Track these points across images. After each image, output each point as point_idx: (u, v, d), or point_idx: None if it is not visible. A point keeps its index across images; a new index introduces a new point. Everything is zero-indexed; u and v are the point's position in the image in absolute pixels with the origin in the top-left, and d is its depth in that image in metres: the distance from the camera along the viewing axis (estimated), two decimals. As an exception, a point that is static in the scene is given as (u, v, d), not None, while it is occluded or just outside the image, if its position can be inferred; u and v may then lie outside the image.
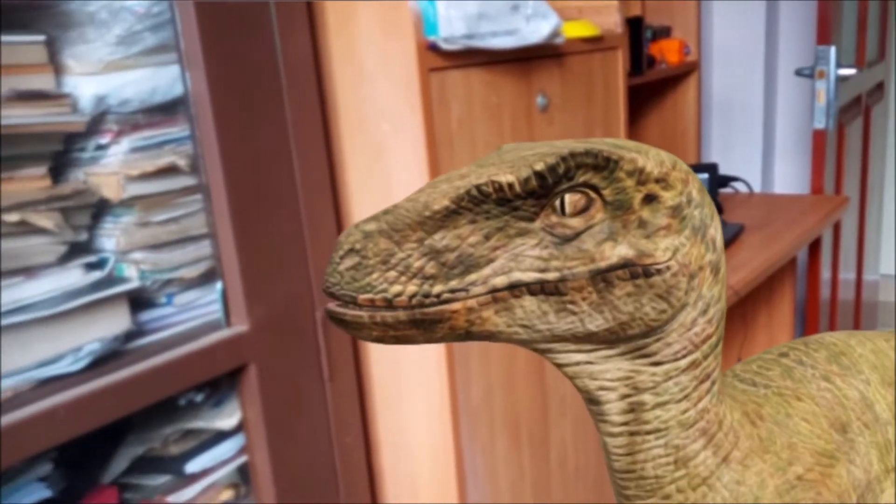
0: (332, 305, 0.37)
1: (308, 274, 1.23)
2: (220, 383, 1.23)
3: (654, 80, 2.47)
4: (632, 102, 2.69)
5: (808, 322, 2.84)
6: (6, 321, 1.02)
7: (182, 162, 1.17)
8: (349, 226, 0.37)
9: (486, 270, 0.38)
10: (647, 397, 0.42)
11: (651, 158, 0.40)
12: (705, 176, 2.59)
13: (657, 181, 0.40)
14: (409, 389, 1.36)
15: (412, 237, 0.37)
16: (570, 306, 0.39)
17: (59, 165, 1.12)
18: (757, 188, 3.15)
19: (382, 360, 1.38)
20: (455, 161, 1.26)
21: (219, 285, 1.18)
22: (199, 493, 1.21)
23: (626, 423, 0.43)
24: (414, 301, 0.37)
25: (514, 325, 0.39)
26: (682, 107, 2.70)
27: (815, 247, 2.66)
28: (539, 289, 0.38)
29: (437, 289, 0.37)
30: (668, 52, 2.59)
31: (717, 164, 2.66)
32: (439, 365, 1.30)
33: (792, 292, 2.69)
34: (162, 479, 1.22)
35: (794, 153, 3.28)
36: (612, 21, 1.59)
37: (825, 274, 2.86)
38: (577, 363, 0.42)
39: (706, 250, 0.41)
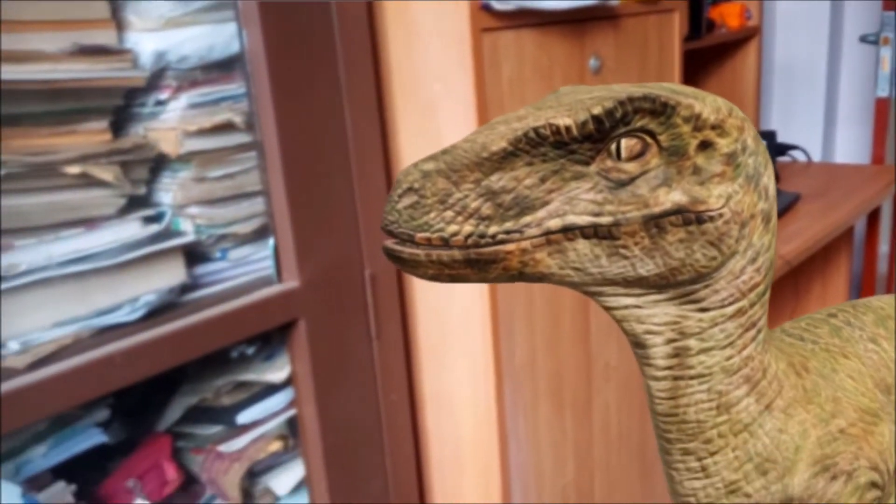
0: (389, 243, 0.38)
1: (358, 232, 1.25)
2: (270, 337, 1.26)
3: (713, 44, 2.43)
4: (690, 66, 2.66)
5: (863, 296, 2.80)
6: (66, 270, 1.05)
7: (238, 119, 1.20)
8: (408, 165, 0.38)
9: (541, 213, 0.38)
10: (692, 343, 0.42)
11: (708, 105, 0.40)
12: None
13: (713, 128, 0.40)
14: (454, 350, 1.38)
15: (470, 178, 0.37)
16: (622, 251, 0.39)
17: (120, 120, 1.15)
18: (817, 157, 3.10)
19: (429, 319, 1.40)
20: (507, 123, 1.27)
21: (271, 241, 1.21)
22: (249, 444, 1.25)
23: (670, 368, 0.43)
24: (470, 241, 0.37)
25: (566, 267, 0.40)
26: (742, 72, 2.65)
27: (873, 219, 2.62)
28: (592, 232, 0.39)
29: (493, 229, 0.38)
30: (728, 17, 2.54)
31: (776, 132, 2.62)
32: (483, 327, 1.32)
33: (848, 265, 2.65)
34: (214, 429, 1.27)
35: (856, 121, 3.22)
36: (671, -17, 1.57)
37: (883, 247, 2.81)
38: (626, 307, 0.42)
39: (758, 199, 0.41)
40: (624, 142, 0.39)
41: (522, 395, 1.40)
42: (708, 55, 2.64)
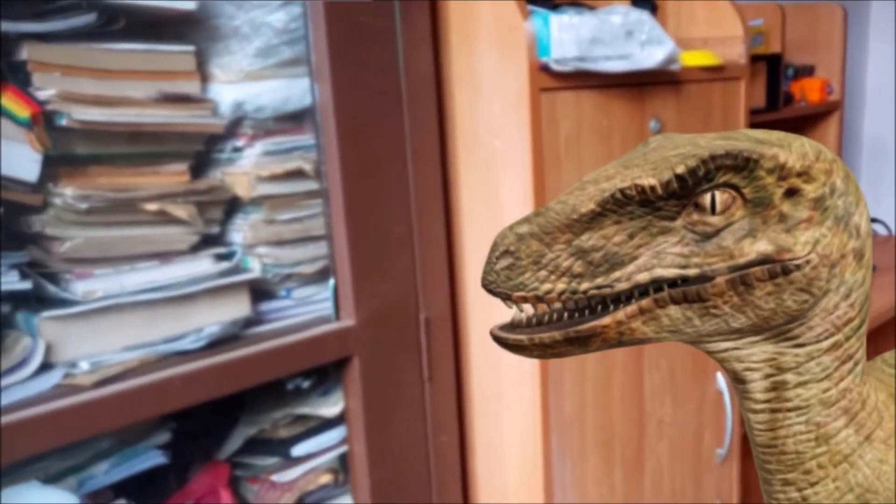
0: (496, 330, 0.40)
1: (415, 277, 1.28)
2: (327, 373, 1.29)
3: (790, 117, 2.40)
4: (768, 138, 2.63)
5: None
6: (138, 298, 1.11)
7: (308, 167, 1.24)
8: (504, 228, 0.40)
9: (630, 268, 0.39)
10: (789, 377, 0.43)
11: (794, 151, 0.40)
12: (841, 216, 2.49)
13: (799, 175, 0.39)
14: (505, 397, 1.38)
15: (561, 239, 0.39)
16: (713, 310, 0.40)
17: (200, 164, 1.22)
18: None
19: (483, 366, 1.41)
20: (562, 180, 1.28)
21: (331, 282, 1.24)
22: (301, 476, 1.27)
23: (768, 401, 0.43)
24: (563, 297, 0.39)
25: (661, 332, 0.41)
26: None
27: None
28: (682, 297, 0.40)
29: (584, 286, 0.39)
30: (809, 91, 2.51)
31: (855, 205, 2.56)
32: (533, 378, 1.31)
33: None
34: (271, 461, 1.29)
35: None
36: (737, 53, 1.57)
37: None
38: (725, 349, 0.43)
39: (849, 238, 0.41)
40: (708, 196, 0.39)
41: (570, 448, 1.39)
42: (787, 128, 2.60)
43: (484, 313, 1.37)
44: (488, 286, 0.39)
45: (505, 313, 0.41)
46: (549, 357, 0.40)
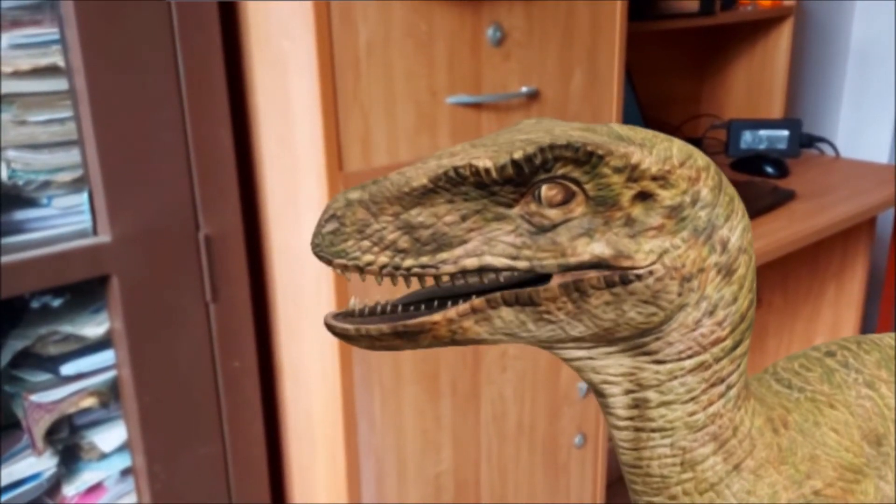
0: (328, 317, 0.38)
1: (192, 190, 1.11)
2: (93, 292, 1.14)
3: (732, 22, 2.14)
4: (715, 45, 2.38)
5: (884, 299, 2.48)
6: None
7: (64, 63, 1.07)
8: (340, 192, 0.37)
9: (458, 251, 0.37)
10: (651, 395, 0.40)
11: (655, 154, 0.36)
12: (785, 133, 2.26)
13: (654, 179, 0.36)
14: (306, 323, 1.23)
15: (389, 210, 0.36)
16: (546, 316, 0.37)
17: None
18: (885, 158, 2.74)
19: (285, 286, 1.25)
20: (360, 90, 1.09)
21: (85, 193, 1.08)
22: (66, 397, 1.14)
23: (630, 419, 0.41)
24: (384, 272, 0.37)
25: (496, 333, 0.38)
26: (773, 56, 2.34)
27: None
28: (514, 300, 0.37)
29: (408, 263, 0.37)
30: (759, -8, 2.24)
31: (801, 121, 2.31)
32: (329, 303, 1.16)
33: (865, 265, 2.34)
34: (42, 377, 1.17)
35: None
36: (612, -51, 1.34)
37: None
38: (579, 358, 0.40)
39: (710, 252, 0.38)
40: (545, 188, 0.36)
41: (379, 380, 1.24)
42: (727, 39, 2.34)
43: (284, 229, 1.20)
44: (314, 249, 0.37)
45: (307, 229, 0.30)
46: (380, 349, 0.38)
